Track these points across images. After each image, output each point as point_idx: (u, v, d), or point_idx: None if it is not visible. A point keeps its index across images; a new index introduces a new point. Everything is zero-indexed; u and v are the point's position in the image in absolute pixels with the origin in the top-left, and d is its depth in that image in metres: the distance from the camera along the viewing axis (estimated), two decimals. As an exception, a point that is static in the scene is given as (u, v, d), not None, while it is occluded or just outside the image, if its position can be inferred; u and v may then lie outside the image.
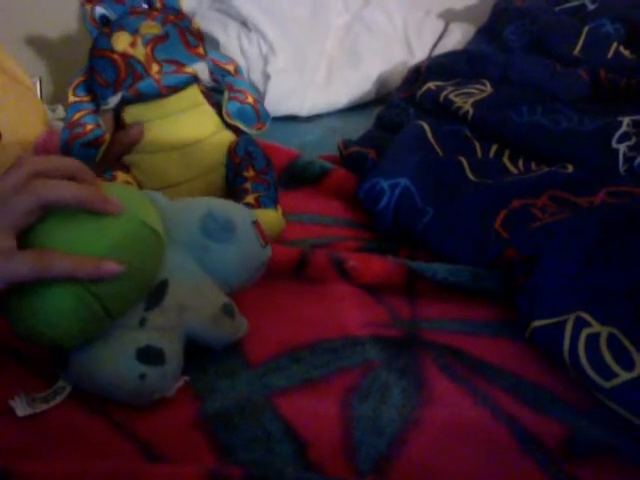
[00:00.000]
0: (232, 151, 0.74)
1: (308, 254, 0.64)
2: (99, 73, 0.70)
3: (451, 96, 0.96)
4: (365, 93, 1.27)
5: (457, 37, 1.37)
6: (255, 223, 0.57)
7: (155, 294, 0.50)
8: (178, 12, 0.73)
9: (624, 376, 0.48)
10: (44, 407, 0.47)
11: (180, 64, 0.70)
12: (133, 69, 0.68)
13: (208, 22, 1.26)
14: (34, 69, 1.28)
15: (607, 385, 0.49)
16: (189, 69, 0.71)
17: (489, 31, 1.30)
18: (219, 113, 0.75)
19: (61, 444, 0.45)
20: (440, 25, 1.42)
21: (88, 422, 0.47)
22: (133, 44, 0.68)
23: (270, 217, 0.70)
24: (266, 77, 1.20)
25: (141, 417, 0.48)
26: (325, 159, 0.90)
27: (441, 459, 0.46)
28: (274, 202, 0.72)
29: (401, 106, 1.03)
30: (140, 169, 0.73)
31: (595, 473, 0.45)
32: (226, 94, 0.76)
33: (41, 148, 0.81)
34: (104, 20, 0.71)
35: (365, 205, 0.78)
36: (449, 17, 1.47)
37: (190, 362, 0.52)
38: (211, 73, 0.75)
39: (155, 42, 0.69)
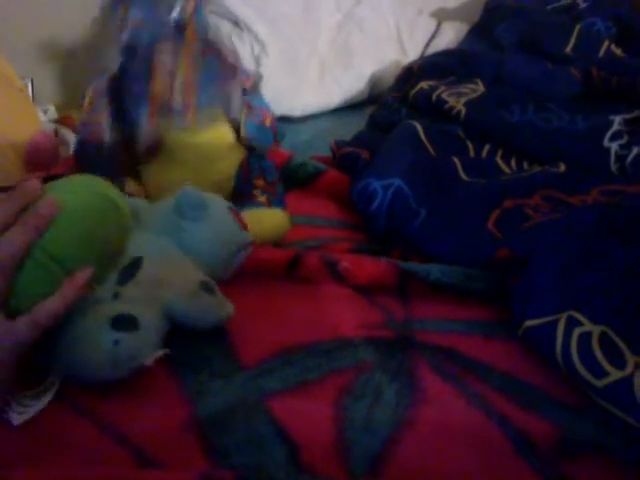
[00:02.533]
0: (244, 164, 0.74)
1: (300, 255, 0.64)
2: (130, 107, 0.68)
3: (443, 95, 0.96)
4: (358, 93, 1.27)
5: (449, 36, 1.37)
6: (232, 209, 0.59)
7: (129, 269, 0.51)
8: (211, 43, 0.71)
9: (616, 375, 0.48)
10: (36, 406, 0.46)
11: (215, 108, 0.69)
12: (168, 109, 0.66)
13: (200, 22, 1.26)
14: (26, 71, 1.27)
15: (599, 384, 0.49)
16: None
17: (481, 30, 1.30)
18: (235, 127, 0.74)
19: (51, 449, 0.45)
20: (432, 24, 1.42)
21: (78, 426, 0.47)
22: (171, 82, 0.66)
23: (279, 216, 0.71)
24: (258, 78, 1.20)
25: (132, 420, 0.47)
26: (318, 160, 0.90)
27: (434, 459, 0.46)
28: (283, 206, 0.73)
29: (394, 106, 1.03)
30: (149, 178, 0.72)
31: (587, 472, 0.45)
32: (244, 113, 0.75)
33: (33, 150, 0.81)
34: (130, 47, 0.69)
35: (358, 206, 0.78)
36: (441, 16, 1.47)
37: (183, 363, 0.52)
38: None
39: (191, 86, 0.67)
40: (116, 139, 0.70)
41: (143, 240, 0.54)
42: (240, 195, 0.74)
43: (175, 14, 0.69)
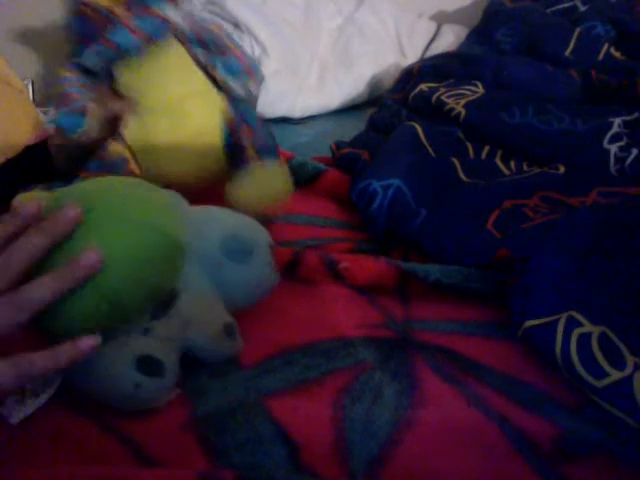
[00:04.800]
0: (229, 120, 0.73)
1: (300, 255, 0.64)
2: (75, 30, 0.70)
3: (443, 97, 0.96)
4: (358, 95, 1.28)
5: (449, 39, 1.37)
6: (271, 247, 0.57)
7: (164, 304, 0.50)
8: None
9: (615, 375, 0.48)
10: (35, 404, 0.46)
11: (148, 7, 0.69)
12: (106, 18, 0.67)
13: (200, 24, 1.26)
14: (26, 71, 1.28)
15: (599, 384, 0.49)
16: (158, 11, 0.69)
17: (481, 33, 1.30)
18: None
19: (52, 448, 0.45)
20: (432, 27, 1.42)
21: (78, 425, 0.47)
22: None
23: (279, 174, 0.71)
24: (259, 79, 1.20)
25: (132, 420, 0.47)
26: (318, 160, 0.90)
27: (434, 460, 0.46)
28: (275, 154, 0.72)
29: (394, 107, 1.03)
30: (134, 139, 0.71)
31: (587, 473, 0.45)
32: (218, 54, 0.73)
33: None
34: None
35: (358, 206, 0.78)
36: (441, 19, 1.47)
37: (181, 363, 0.51)
38: None
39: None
40: (85, 101, 0.69)
41: (185, 271, 0.52)
42: (234, 158, 0.72)
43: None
